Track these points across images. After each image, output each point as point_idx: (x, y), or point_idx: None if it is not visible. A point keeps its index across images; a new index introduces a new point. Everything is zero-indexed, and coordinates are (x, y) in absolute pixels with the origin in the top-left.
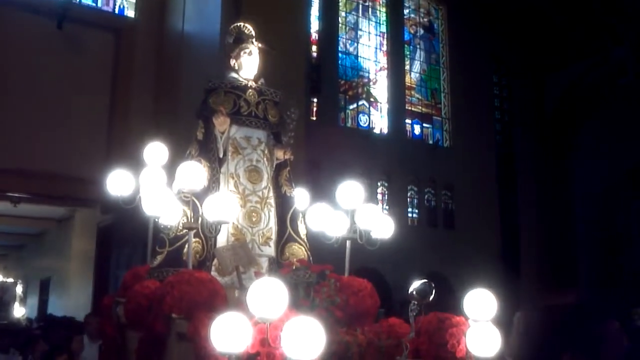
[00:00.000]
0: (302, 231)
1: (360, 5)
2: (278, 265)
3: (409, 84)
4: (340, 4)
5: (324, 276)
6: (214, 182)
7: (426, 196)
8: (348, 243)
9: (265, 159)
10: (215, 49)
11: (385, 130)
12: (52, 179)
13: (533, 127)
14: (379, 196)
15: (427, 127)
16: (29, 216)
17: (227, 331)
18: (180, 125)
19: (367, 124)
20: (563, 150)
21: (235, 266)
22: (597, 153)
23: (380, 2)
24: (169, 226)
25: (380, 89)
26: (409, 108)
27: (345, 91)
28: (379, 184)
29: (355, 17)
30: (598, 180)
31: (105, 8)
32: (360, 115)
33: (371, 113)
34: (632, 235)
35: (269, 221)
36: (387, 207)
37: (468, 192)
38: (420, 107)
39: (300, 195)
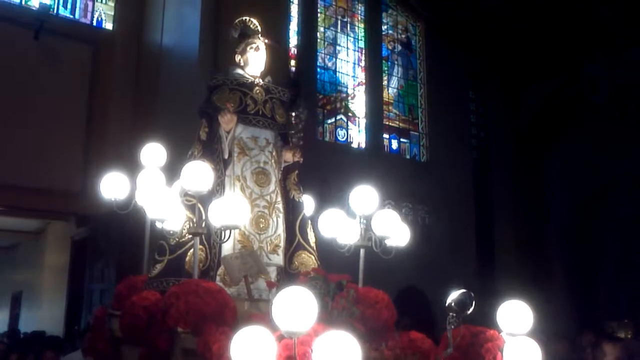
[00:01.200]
0: (312, 239)
1: (339, 21)
2: (286, 275)
3: (387, 99)
4: (319, 19)
5: (341, 286)
6: (218, 186)
7: (404, 210)
8: (362, 251)
9: (273, 160)
10: (194, 62)
11: (363, 145)
12: (25, 191)
13: (508, 142)
14: None
15: (405, 142)
16: (1, 229)
17: (248, 348)
18: (159, 138)
19: (345, 138)
20: (537, 164)
21: (244, 276)
22: (570, 167)
23: (359, 18)
24: (171, 232)
25: (359, 103)
26: (387, 123)
27: (324, 105)
28: None
29: (334, 32)
30: (571, 194)
31: (83, 20)
32: (339, 129)
33: (349, 127)
34: (604, 246)
35: (277, 228)
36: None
37: (445, 205)
38: (397, 122)
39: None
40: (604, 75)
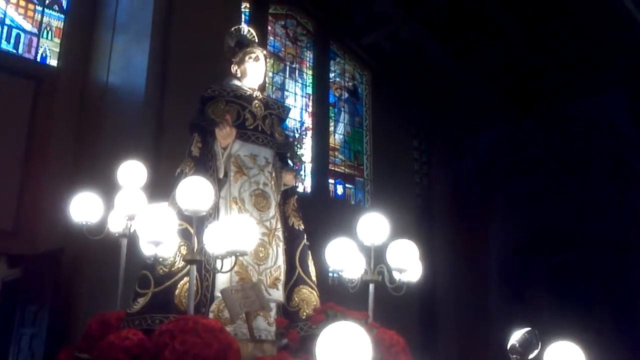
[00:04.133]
0: (313, 272)
1: (288, 67)
2: (285, 312)
3: (333, 145)
4: (267, 65)
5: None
6: (211, 209)
7: None
8: (371, 287)
9: (272, 182)
10: (139, 102)
11: (308, 189)
12: None
13: (450, 192)
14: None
15: (350, 188)
16: None
17: None
18: (100, 178)
19: None
20: (478, 214)
21: (245, 312)
22: (510, 218)
23: (307, 65)
24: (160, 259)
25: (305, 148)
26: (332, 168)
27: None
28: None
29: (282, 78)
30: (510, 244)
31: (26, 55)
32: None
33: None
34: (541, 296)
35: (278, 258)
36: None
37: None
38: (343, 168)
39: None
40: (540, 128)
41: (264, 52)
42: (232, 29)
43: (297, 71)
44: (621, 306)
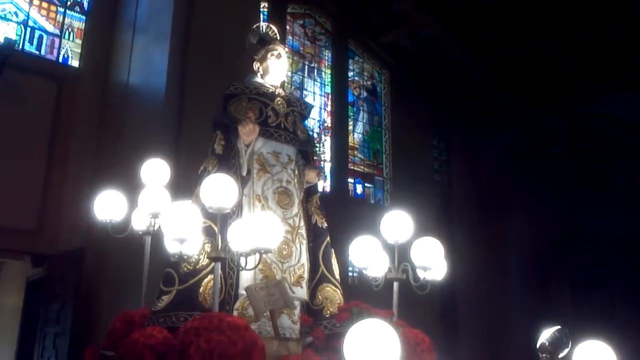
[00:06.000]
0: (336, 270)
1: (306, 67)
2: (309, 311)
3: (352, 144)
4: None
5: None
6: (235, 206)
7: None
8: (396, 285)
9: (295, 180)
10: (160, 102)
11: (327, 189)
12: None
13: (470, 191)
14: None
15: (369, 187)
16: None
17: None
18: (122, 177)
19: None
20: (498, 214)
21: (270, 309)
22: (530, 218)
23: (326, 64)
24: (185, 257)
25: (325, 148)
26: (352, 167)
27: None
28: None
29: (301, 77)
30: (530, 245)
31: (48, 56)
32: None
33: None
34: (562, 296)
35: (301, 256)
36: None
37: None
38: (362, 167)
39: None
40: (561, 127)
41: (286, 49)
42: (254, 26)
43: (315, 70)
44: None
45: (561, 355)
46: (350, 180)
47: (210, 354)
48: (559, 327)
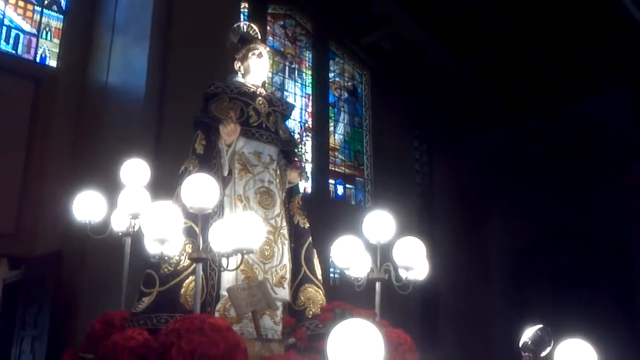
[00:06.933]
0: (318, 271)
1: (287, 67)
2: (291, 311)
3: (333, 145)
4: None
5: None
6: (216, 207)
7: None
8: (378, 285)
9: (277, 180)
10: (140, 102)
11: (309, 190)
12: None
13: (451, 191)
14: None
15: (350, 188)
16: None
17: None
18: (101, 178)
19: None
20: (479, 214)
21: (252, 310)
22: (511, 218)
23: (306, 65)
24: (165, 258)
25: (305, 149)
26: (333, 169)
27: None
28: None
29: (281, 78)
30: (511, 244)
31: (25, 56)
32: None
33: None
34: (543, 294)
35: (283, 257)
36: None
37: None
38: (343, 168)
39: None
40: (540, 128)
41: (267, 48)
42: (235, 25)
43: (296, 71)
44: (625, 305)
45: (543, 353)
46: (331, 181)
47: (192, 356)
48: (541, 325)
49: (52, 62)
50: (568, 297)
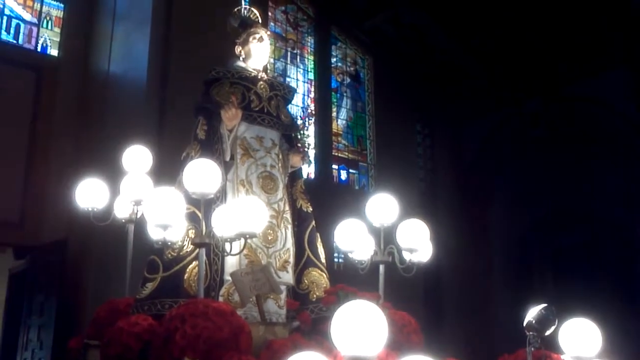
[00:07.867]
0: (322, 254)
1: (289, 53)
2: (295, 295)
3: (336, 131)
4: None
5: None
6: (218, 192)
7: None
8: (382, 268)
9: (280, 165)
10: (142, 89)
11: (312, 176)
12: None
13: (454, 174)
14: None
15: (353, 173)
16: None
17: None
18: (104, 166)
19: None
20: (482, 196)
21: (256, 294)
22: (513, 200)
23: (308, 51)
24: (169, 243)
25: (309, 134)
26: (336, 154)
27: None
28: None
29: (283, 64)
30: (514, 226)
31: (27, 45)
32: None
33: None
34: (544, 279)
35: (286, 241)
36: None
37: None
38: (346, 153)
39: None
40: (542, 110)
41: (268, 32)
42: (235, 9)
43: (298, 57)
44: (627, 287)
45: (548, 332)
46: (335, 166)
47: (197, 340)
48: (545, 305)
49: (54, 52)
50: (570, 277)
